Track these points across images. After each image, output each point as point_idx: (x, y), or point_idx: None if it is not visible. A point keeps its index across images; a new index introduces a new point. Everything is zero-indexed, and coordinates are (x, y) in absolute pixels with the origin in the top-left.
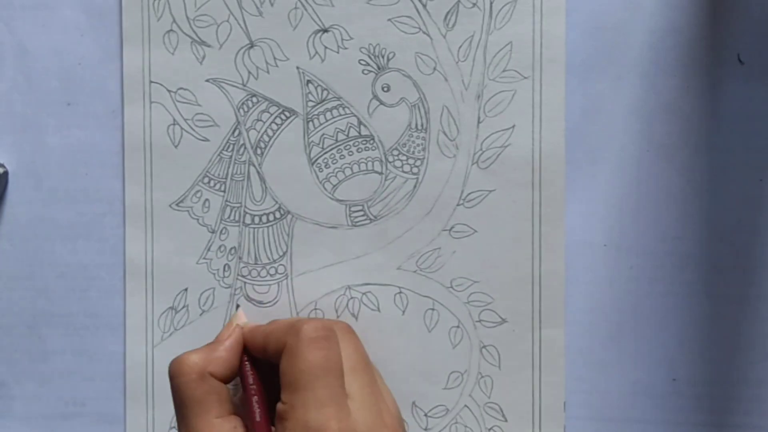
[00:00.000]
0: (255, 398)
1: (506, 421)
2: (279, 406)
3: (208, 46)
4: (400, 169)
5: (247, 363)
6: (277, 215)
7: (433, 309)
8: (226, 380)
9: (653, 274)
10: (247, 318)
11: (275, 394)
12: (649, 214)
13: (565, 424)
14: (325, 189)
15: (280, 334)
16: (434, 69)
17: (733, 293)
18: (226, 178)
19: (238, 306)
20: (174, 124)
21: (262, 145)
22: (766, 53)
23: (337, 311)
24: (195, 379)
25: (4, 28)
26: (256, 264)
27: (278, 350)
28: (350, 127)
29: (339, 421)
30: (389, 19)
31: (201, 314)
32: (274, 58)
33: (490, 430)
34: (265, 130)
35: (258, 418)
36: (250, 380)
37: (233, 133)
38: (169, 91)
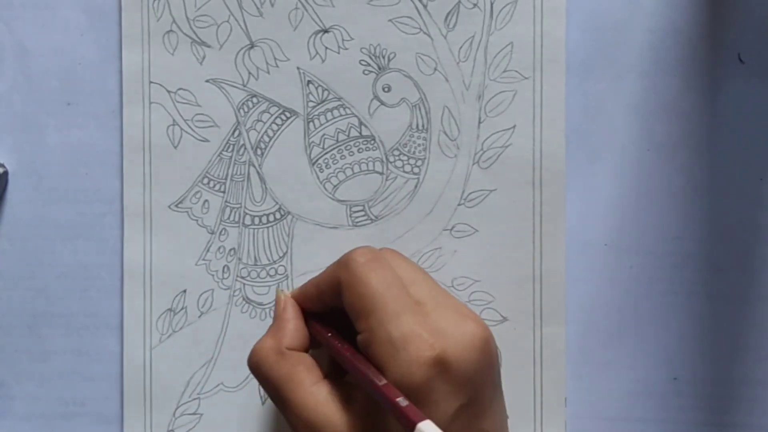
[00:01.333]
0: (337, 340)
1: (507, 418)
2: (358, 338)
3: (208, 46)
4: (401, 170)
5: (314, 321)
6: (277, 216)
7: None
8: (304, 349)
9: (653, 274)
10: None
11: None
12: (650, 213)
13: (565, 422)
14: (325, 189)
15: (330, 275)
16: (435, 69)
17: (733, 293)
18: (225, 179)
19: (278, 288)
20: (174, 125)
21: (263, 145)
22: (766, 53)
23: None
24: (276, 360)
25: (4, 28)
26: (255, 265)
27: (334, 291)
28: (351, 127)
29: (419, 323)
30: (390, 20)
31: (200, 316)
32: (275, 59)
33: None
34: (266, 131)
35: (349, 354)
36: (325, 331)
37: (233, 133)
38: (168, 91)
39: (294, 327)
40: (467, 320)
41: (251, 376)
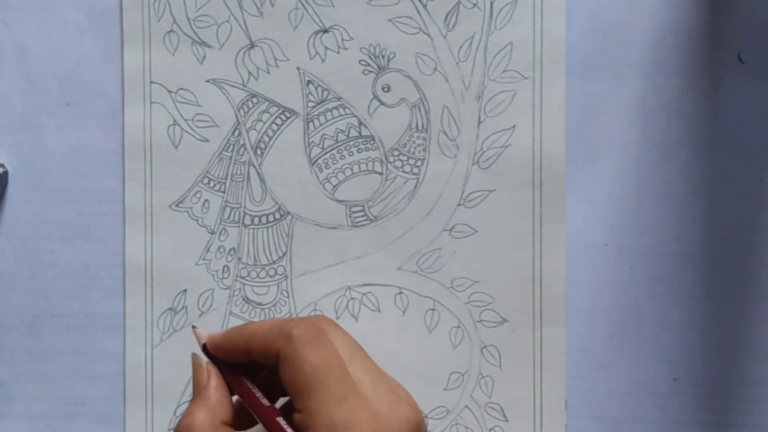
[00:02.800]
0: (261, 401)
1: (507, 421)
2: (296, 416)
3: (209, 46)
4: (401, 170)
5: (238, 379)
6: (277, 216)
7: (433, 309)
8: (231, 420)
9: (653, 274)
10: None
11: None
12: (650, 213)
13: (566, 423)
14: (325, 189)
15: (268, 339)
16: (435, 69)
17: (734, 293)
18: (225, 179)
19: (194, 327)
20: (174, 125)
21: (262, 145)
22: (766, 53)
23: (337, 312)
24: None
25: (4, 28)
26: (255, 265)
27: (268, 355)
28: (350, 127)
29: (361, 408)
30: (389, 20)
31: (200, 315)
32: (275, 59)
33: (491, 430)
34: (265, 131)
35: (267, 406)
36: (251, 394)
37: (233, 133)
38: (169, 91)
39: (221, 399)
40: (402, 404)
41: None
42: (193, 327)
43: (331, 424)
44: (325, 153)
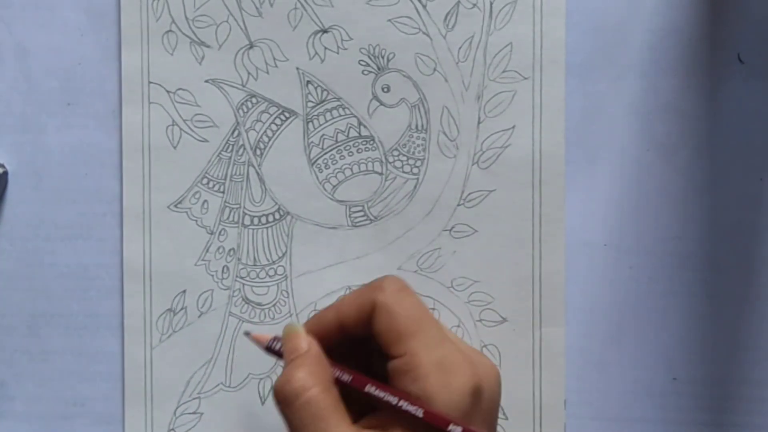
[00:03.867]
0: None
1: (507, 419)
2: (393, 363)
3: (208, 46)
4: (401, 170)
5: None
6: (277, 216)
7: (433, 309)
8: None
9: (653, 274)
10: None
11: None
12: (649, 214)
13: (565, 422)
14: (325, 190)
15: (360, 299)
16: (434, 69)
17: (733, 293)
18: (225, 179)
19: (247, 333)
20: (173, 125)
21: (262, 145)
22: (766, 53)
23: None
24: (322, 391)
25: (4, 28)
26: (255, 265)
27: (362, 315)
28: (350, 127)
29: (460, 352)
30: (389, 20)
31: (199, 316)
32: (274, 59)
33: None
34: (265, 131)
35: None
36: (344, 369)
37: (232, 133)
38: (168, 91)
39: (324, 362)
40: (484, 356)
41: (251, 375)
42: (246, 333)
43: (438, 361)
44: (325, 153)
